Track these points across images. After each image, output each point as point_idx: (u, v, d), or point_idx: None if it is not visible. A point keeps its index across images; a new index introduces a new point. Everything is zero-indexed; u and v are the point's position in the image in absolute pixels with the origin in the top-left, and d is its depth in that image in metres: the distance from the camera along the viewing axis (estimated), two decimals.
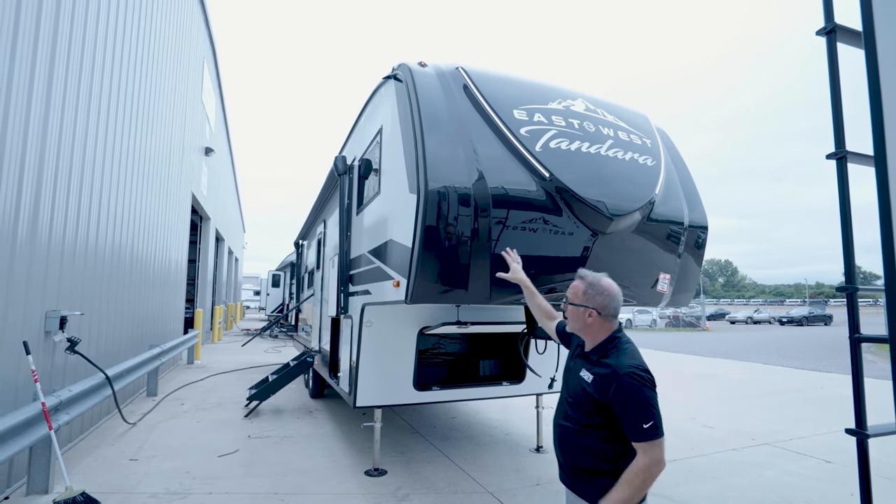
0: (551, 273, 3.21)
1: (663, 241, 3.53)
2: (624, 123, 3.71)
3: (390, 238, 3.49)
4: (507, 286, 3.05)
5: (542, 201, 3.07)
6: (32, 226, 4.06)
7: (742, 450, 5.42)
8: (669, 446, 5.53)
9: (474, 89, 3.32)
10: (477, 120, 3.20)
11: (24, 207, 3.91)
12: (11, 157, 3.72)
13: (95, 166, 5.47)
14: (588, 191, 3.06)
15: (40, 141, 4.15)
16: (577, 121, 3.42)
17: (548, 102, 3.45)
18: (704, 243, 3.87)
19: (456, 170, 2.97)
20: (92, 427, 5.66)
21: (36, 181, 4.10)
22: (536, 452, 5.24)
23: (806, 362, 13.78)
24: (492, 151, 3.09)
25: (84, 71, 5.06)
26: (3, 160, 3.61)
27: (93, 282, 5.50)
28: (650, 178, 3.44)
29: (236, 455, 4.94)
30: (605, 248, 3.28)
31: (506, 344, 5.25)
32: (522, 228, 3.05)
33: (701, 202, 3.89)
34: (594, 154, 3.27)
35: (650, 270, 3.53)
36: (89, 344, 5.41)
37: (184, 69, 10.51)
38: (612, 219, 3.11)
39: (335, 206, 6.42)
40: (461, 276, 2.96)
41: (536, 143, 3.13)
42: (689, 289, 3.89)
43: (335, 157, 5.14)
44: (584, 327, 1.97)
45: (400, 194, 3.27)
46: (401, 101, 3.42)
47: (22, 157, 3.86)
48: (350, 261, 4.90)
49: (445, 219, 2.88)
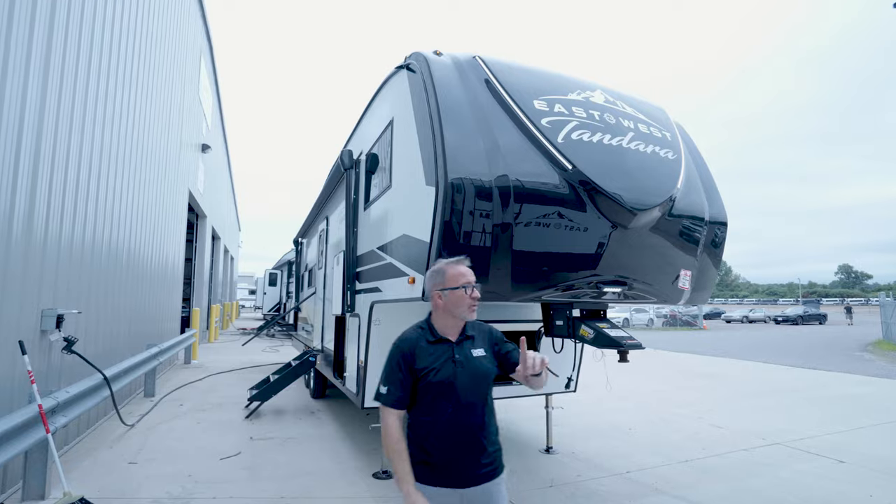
0: (569, 269, 3.09)
1: (684, 236, 3.43)
2: (643, 116, 3.61)
3: (404, 233, 3.37)
4: (528, 282, 2.94)
5: (564, 194, 2.96)
6: (28, 222, 3.90)
7: (753, 450, 5.34)
8: (680, 446, 5.50)
9: (493, 79, 3.21)
10: (497, 110, 3.08)
11: (19, 203, 3.75)
12: (6, 152, 3.56)
13: (92, 162, 5.31)
14: (611, 183, 2.96)
15: (35, 136, 3.99)
16: (598, 112, 3.31)
17: (567, 93, 3.34)
18: (724, 240, 3.78)
19: (476, 161, 2.85)
20: (89, 429, 5.50)
21: (31, 177, 3.95)
22: (547, 453, 5.14)
23: (806, 361, 13.78)
24: (513, 142, 2.97)
25: (80, 64, 4.90)
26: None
27: (90, 279, 5.34)
28: (672, 171, 3.34)
29: (239, 457, 4.80)
30: (625, 244, 3.18)
31: (516, 342, 5.14)
32: (543, 222, 2.94)
33: (720, 197, 3.80)
34: (616, 146, 3.16)
35: (671, 267, 3.44)
36: (86, 343, 5.25)
37: (180, 63, 10.33)
38: (634, 213, 3.01)
39: (339, 201, 6.28)
40: (481, 271, 2.84)
41: (558, 135, 3.02)
42: (709, 286, 3.80)
43: (341, 151, 5.01)
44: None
45: (415, 187, 3.15)
46: (415, 90, 3.30)
47: (17, 152, 3.70)
48: (357, 257, 4.77)
49: (465, 212, 2.77)
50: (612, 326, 3.25)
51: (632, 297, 3.38)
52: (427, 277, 1.98)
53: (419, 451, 1.85)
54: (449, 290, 1.89)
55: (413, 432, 1.87)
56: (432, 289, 1.93)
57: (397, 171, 3.66)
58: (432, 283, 1.94)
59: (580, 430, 6.09)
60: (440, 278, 1.92)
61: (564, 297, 3.13)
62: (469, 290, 1.91)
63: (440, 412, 1.85)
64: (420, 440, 1.86)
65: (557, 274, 3.02)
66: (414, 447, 1.85)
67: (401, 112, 3.61)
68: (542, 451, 5.18)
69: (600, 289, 3.13)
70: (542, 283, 2.99)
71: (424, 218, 2.95)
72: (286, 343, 15.98)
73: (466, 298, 1.91)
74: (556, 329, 3.47)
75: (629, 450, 5.30)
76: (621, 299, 3.35)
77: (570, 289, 3.10)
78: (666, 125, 3.72)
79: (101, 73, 5.49)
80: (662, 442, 5.63)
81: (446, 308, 1.91)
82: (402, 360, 1.87)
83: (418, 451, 1.85)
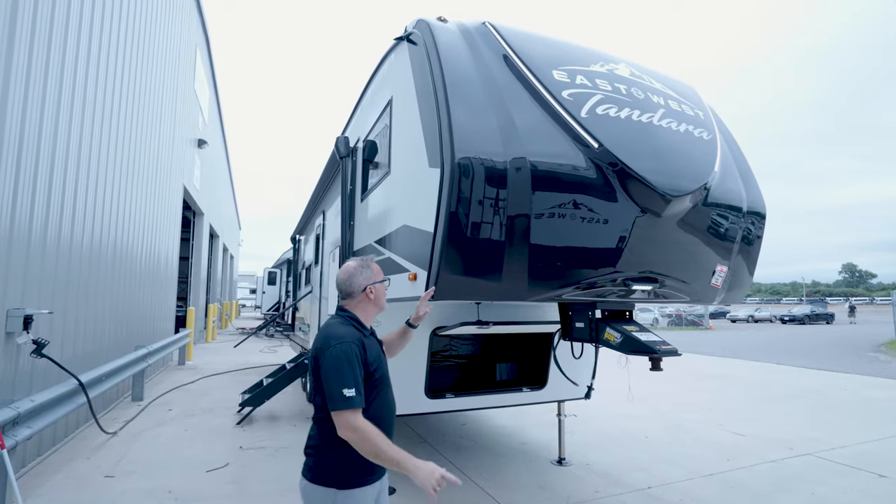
0: (594, 265, 2.70)
1: (720, 228, 3.04)
2: (673, 92, 3.22)
3: (404, 223, 2.98)
4: (548, 279, 2.55)
5: (590, 178, 2.57)
6: None
7: (782, 461, 4.95)
8: (702, 457, 5.09)
9: (506, 46, 2.82)
10: (511, 81, 2.69)
11: None
12: None
13: (70, 150, 4.93)
14: (643, 165, 2.56)
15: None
16: (624, 86, 2.92)
17: (589, 64, 2.95)
18: (762, 234, 3.38)
19: (488, 139, 2.46)
20: (67, 437, 5.13)
21: None
22: (559, 465, 4.75)
23: (819, 362, 13.35)
24: (530, 118, 2.58)
25: (54, 41, 4.52)
26: None
27: (67, 277, 4.96)
28: (707, 153, 2.95)
29: (226, 470, 4.43)
30: (656, 236, 2.78)
31: (525, 345, 4.76)
32: (565, 211, 2.54)
33: (757, 185, 3.40)
34: (646, 123, 2.77)
35: (706, 262, 3.04)
36: (63, 345, 4.88)
37: (174, 53, 9.94)
38: (669, 200, 2.62)
39: (336, 194, 5.90)
40: (494, 267, 2.46)
41: (581, 109, 2.63)
42: (744, 284, 3.40)
43: (336, 138, 4.63)
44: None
45: (417, 171, 2.77)
46: (417, 63, 2.92)
47: None
48: (353, 253, 4.39)
49: (475, 198, 2.38)
50: (641, 329, 2.86)
51: (662, 297, 2.99)
52: (354, 276, 2.01)
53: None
54: (378, 284, 2.02)
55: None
56: (365, 284, 1.99)
57: (397, 154, 3.28)
58: (363, 279, 2.00)
59: (592, 437, 5.71)
60: (369, 272, 2.02)
61: (587, 296, 2.74)
62: (387, 281, 2.12)
63: (388, 405, 1.96)
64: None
65: (580, 270, 2.63)
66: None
67: (401, 89, 3.23)
68: (554, 463, 4.80)
69: (628, 287, 2.74)
70: (564, 280, 2.61)
71: (428, 206, 2.56)
72: (285, 343, 15.61)
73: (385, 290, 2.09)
74: (577, 332, 3.08)
75: (648, 461, 4.91)
76: (651, 298, 2.96)
77: (593, 287, 2.71)
78: (698, 103, 3.33)
79: (80, 55, 5.11)
80: (682, 452, 5.24)
81: (375, 302, 2.02)
82: (358, 358, 1.83)
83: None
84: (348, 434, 1.69)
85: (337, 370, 1.74)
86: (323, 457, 1.81)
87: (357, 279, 1.99)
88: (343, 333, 1.85)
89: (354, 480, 1.80)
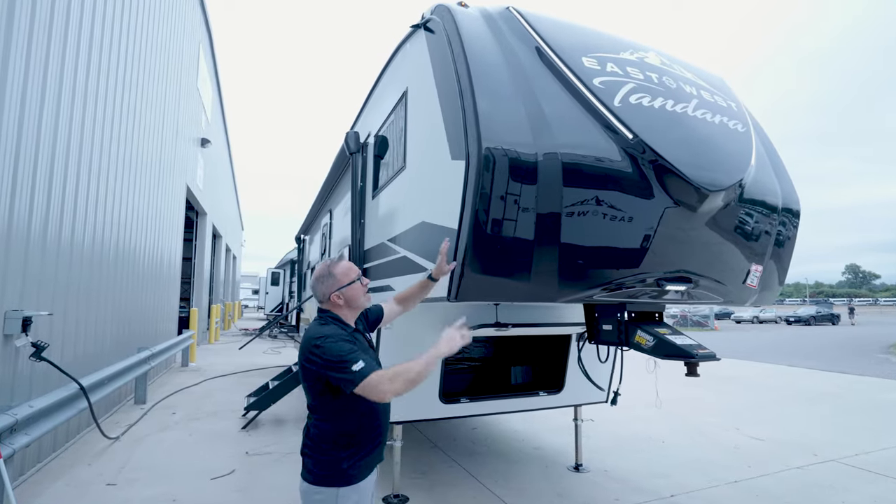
0: (628, 264, 2.53)
1: (756, 225, 2.88)
2: (704, 82, 3.06)
3: (422, 220, 2.83)
4: (579, 279, 2.39)
5: (623, 171, 2.41)
6: None
7: (807, 468, 4.78)
8: (723, 463, 4.91)
9: (532, 32, 2.66)
10: (538, 69, 2.54)
11: None
12: None
13: (71, 146, 4.79)
14: (679, 157, 2.40)
15: None
16: (656, 75, 2.75)
17: (618, 52, 2.79)
18: (796, 232, 3.21)
19: (516, 129, 2.30)
20: (69, 442, 4.99)
21: None
22: (576, 471, 4.59)
23: (829, 364, 13.16)
24: (560, 107, 2.42)
25: (54, 35, 4.37)
26: None
27: (68, 277, 4.82)
28: (743, 146, 2.79)
29: (232, 477, 4.27)
30: (691, 232, 2.62)
31: (541, 347, 4.60)
32: (597, 207, 2.38)
33: (791, 181, 3.24)
34: (681, 114, 2.61)
35: (741, 261, 2.88)
36: (64, 348, 4.74)
37: (177, 49, 9.81)
38: (706, 195, 2.45)
39: (343, 192, 5.75)
40: (523, 266, 2.30)
41: (614, 98, 2.47)
42: (777, 285, 3.24)
43: (346, 134, 4.48)
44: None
45: (438, 165, 2.61)
46: (436, 51, 2.76)
47: None
48: (364, 252, 4.24)
49: (504, 190, 2.22)
50: (673, 332, 2.70)
51: (695, 298, 2.83)
52: (317, 285, 2.01)
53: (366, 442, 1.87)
54: (345, 288, 1.98)
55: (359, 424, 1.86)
56: (329, 292, 1.97)
57: (413, 148, 3.12)
58: (326, 288, 1.98)
59: (608, 441, 5.54)
60: (332, 280, 1.98)
61: (618, 296, 2.58)
62: (361, 280, 2.04)
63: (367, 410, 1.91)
64: (365, 431, 1.88)
65: (613, 270, 2.47)
66: (361, 439, 1.86)
67: (418, 79, 3.07)
68: (571, 469, 4.64)
69: (662, 287, 2.58)
70: (595, 280, 2.45)
71: (450, 200, 2.41)
72: (289, 344, 15.48)
73: (361, 289, 2.03)
74: (604, 335, 2.92)
75: (668, 467, 4.75)
76: (683, 299, 2.81)
77: (625, 287, 2.55)
78: (729, 94, 3.17)
79: (82, 46, 4.97)
80: (702, 457, 5.07)
81: (347, 304, 1.99)
82: (351, 338, 1.87)
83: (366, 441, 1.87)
84: (384, 396, 1.72)
85: (335, 355, 1.74)
86: (321, 457, 1.83)
87: (320, 288, 2.00)
88: (326, 332, 1.85)
89: (354, 476, 1.83)
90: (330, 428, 1.84)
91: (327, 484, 1.80)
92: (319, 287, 2.01)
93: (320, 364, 1.75)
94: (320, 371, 1.76)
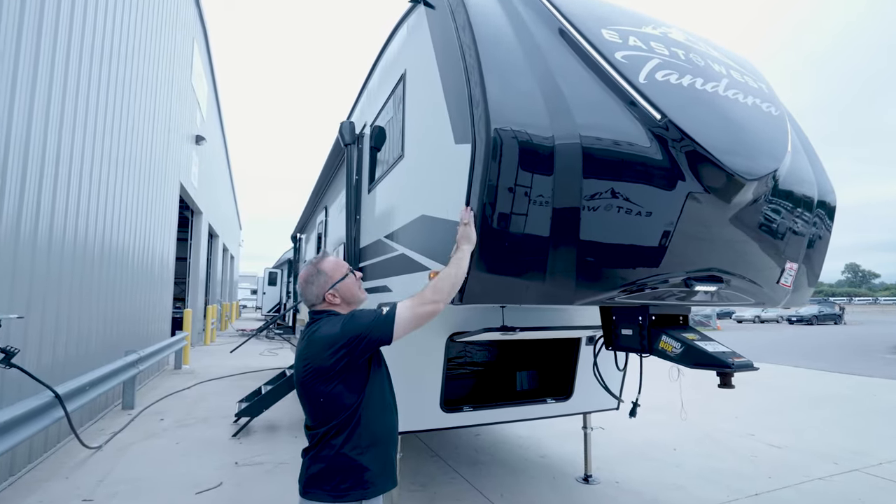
0: (653, 262, 2.25)
1: (792, 218, 2.60)
2: (732, 62, 2.78)
3: (421, 214, 2.55)
4: (599, 279, 2.11)
5: (650, 156, 2.13)
6: None
7: (830, 479, 4.51)
8: (740, 473, 4.61)
9: (545, 2, 2.38)
10: (553, 41, 2.26)
11: None
12: None
13: (49, 135, 4.51)
14: (714, 142, 2.12)
15: None
16: (682, 51, 2.48)
17: (640, 26, 2.51)
18: (832, 226, 2.94)
19: (529, 109, 2.02)
20: (47, 452, 4.70)
21: None
22: (585, 483, 4.32)
23: (836, 365, 12.89)
24: (579, 84, 2.14)
25: (27, 15, 4.09)
26: None
27: (47, 275, 4.54)
28: (779, 131, 2.51)
29: (219, 490, 4.00)
30: (723, 226, 2.34)
31: (547, 351, 4.32)
32: (621, 197, 2.10)
33: (825, 171, 2.96)
34: (711, 94, 2.33)
35: (776, 258, 2.60)
36: (41, 352, 4.46)
37: (169, 42, 9.52)
38: (743, 184, 2.17)
39: (339, 188, 5.47)
40: (537, 264, 2.02)
41: (639, 74, 2.19)
42: (811, 284, 2.97)
43: (341, 124, 4.20)
44: None
45: (439, 151, 2.34)
46: (437, 26, 2.49)
47: None
48: (360, 250, 3.96)
49: (516, 178, 1.94)
50: (702, 338, 2.42)
51: (725, 299, 2.56)
52: (306, 288, 1.83)
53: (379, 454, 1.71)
54: (338, 283, 1.81)
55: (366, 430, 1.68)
56: (322, 292, 1.80)
57: (412, 135, 2.84)
58: (318, 288, 1.81)
59: (616, 449, 5.27)
60: (323, 278, 1.81)
61: (642, 298, 2.30)
62: (353, 273, 1.88)
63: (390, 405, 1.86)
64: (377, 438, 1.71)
65: (637, 269, 2.19)
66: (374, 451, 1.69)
67: (417, 59, 2.80)
68: (580, 481, 4.37)
69: (691, 287, 2.30)
70: (618, 280, 2.17)
71: (453, 190, 2.13)
72: (285, 346, 15.19)
73: (356, 282, 1.88)
74: (623, 340, 2.64)
75: (681, 478, 4.48)
76: (712, 301, 2.53)
77: (650, 288, 2.27)
78: (758, 75, 2.89)
79: (60, 35, 4.68)
80: (717, 467, 4.80)
81: (345, 301, 1.84)
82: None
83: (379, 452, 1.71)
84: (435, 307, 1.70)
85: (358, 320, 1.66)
86: (337, 474, 1.64)
87: (311, 290, 1.82)
88: (336, 319, 1.71)
89: (376, 483, 1.68)
90: (341, 440, 1.65)
91: (351, 499, 1.63)
92: (310, 289, 1.82)
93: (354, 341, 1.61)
94: (355, 351, 1.61)
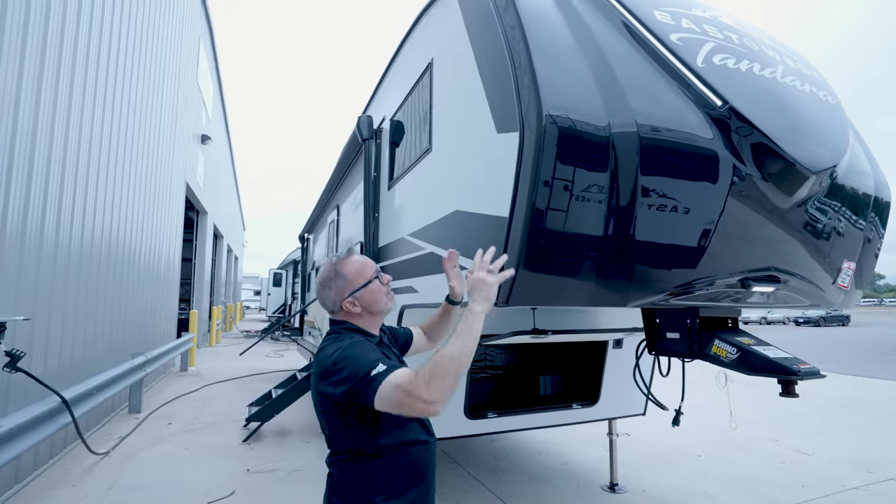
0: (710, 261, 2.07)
1: (851, 215, 2.43)
2: (783, 48, 2.61)
3: (455, 209, 2.39)
4: (653, 280, 1.95)
5: (710, 147, 1.96)
6: None
7: (867, 488, 4.32)
8: (771, 481, 4.43)
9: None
10: (602, 22, 2.10)
11: None
12: None
13: (55, 134, 4.37)
14: (778, 131, 1.95)
15: None
16: (735, 35, 2.32)
17: (690, 8, 2.35)
18: (887, 223, 2.77)
19: (583, 94, 1.85)
20: (53, 458, 4.55)
21: None
22: (611, 492, 4.15)
23: (852, 367, 12.67)
24: (633, 68, 1.97)
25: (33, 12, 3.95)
26: None
27: (53, 278, 4.39)
28: (839, 120, 2.34)
29: (231, 499, 3.84)
30: (782, 222, 2.18)
31: (572, 355, 4.16)
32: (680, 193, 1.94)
33: (879, 167, 2.79)
34: (770, 80, 2.16)
35: (834, 257, 2.43)
36: (47, 355, 4.31)
37: (176, 40, 9.39)
38: (808, 176, 2.01)
39: (353, 185, 5.32)
40: (590, 263, 1.86)
41: (696, 57, 2.03)
42: (864, 284, 2.79)
43: (358, 118, 4.05)
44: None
45: (478, 142, 2.18)
46: (471, 9, 2.33)
47: None
48: (379, 249, 3.80)
49: (571, 170, 1.78)
50: (759, 342, 2.25)
51: (780, 300, 2.39)
52: (322, 291, 1.56)
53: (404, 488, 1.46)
54: (360, 290, 1.53)
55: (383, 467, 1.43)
56: (339, 299, 1.53)
57: (441, 126, 2.69)
58: (336, 294, 1.53)
59: (641, 455, 5.09)
60: (341, 282, 1.53)
61: (696, 299, 2.14)
62: (380, 277, 1.58)
63: (415, 429, 1.53)
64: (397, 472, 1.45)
65: (694, 269, 2.02)
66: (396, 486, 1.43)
67: (447, 46, 2.64)
68: (606, 489, 4.20)
69: (748, 287, 2.14)
70: (673, 281, 2.01)
71: (496, 182, 1.97)
72: (291, 347, 15.04)
73: (382, 288, 1.57)
74: (669, 344, 2.48)
75: (710, 485, 4.30)
76: (768, 302, 2.36)
77: (705, 288, 2.10)
78: (808, 63, 2.73)
79: (66, 36, 4.55)
80: (745, 474, 4.62)
81: (366, 310, 1.55)
82: (375, 347, 1.45)
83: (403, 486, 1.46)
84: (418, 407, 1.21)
85: (352, 359, 1.33)
86: (362, 493, 1.42)
87: (328, 294, 1.55)
88: (350, 337, 1.46)
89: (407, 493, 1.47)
90: (363, 460, 1.43)
91: None
92: (327, 294, 1.55)
93: (341, 377, 1.33)
94: (350, 391, 1.31)
